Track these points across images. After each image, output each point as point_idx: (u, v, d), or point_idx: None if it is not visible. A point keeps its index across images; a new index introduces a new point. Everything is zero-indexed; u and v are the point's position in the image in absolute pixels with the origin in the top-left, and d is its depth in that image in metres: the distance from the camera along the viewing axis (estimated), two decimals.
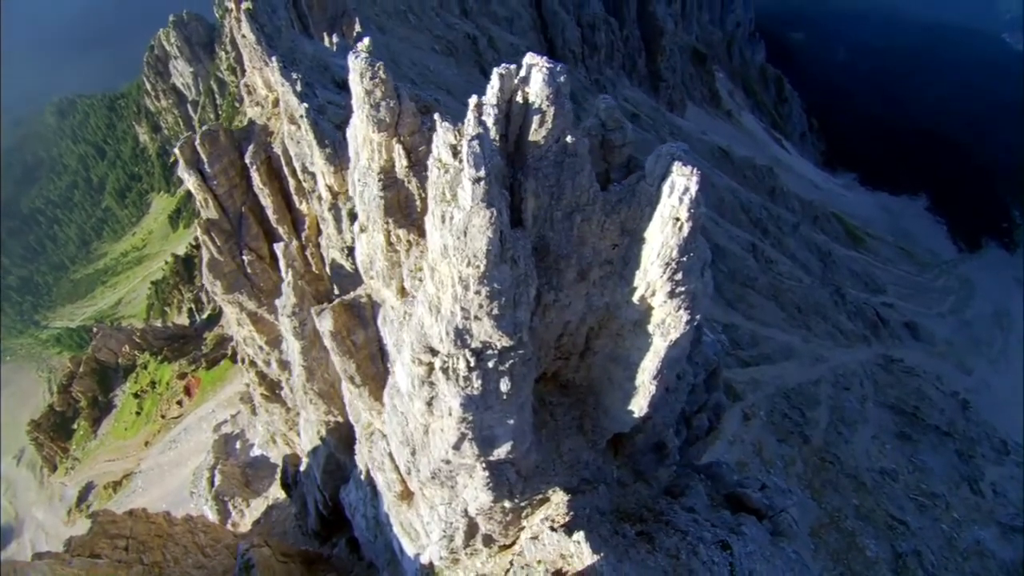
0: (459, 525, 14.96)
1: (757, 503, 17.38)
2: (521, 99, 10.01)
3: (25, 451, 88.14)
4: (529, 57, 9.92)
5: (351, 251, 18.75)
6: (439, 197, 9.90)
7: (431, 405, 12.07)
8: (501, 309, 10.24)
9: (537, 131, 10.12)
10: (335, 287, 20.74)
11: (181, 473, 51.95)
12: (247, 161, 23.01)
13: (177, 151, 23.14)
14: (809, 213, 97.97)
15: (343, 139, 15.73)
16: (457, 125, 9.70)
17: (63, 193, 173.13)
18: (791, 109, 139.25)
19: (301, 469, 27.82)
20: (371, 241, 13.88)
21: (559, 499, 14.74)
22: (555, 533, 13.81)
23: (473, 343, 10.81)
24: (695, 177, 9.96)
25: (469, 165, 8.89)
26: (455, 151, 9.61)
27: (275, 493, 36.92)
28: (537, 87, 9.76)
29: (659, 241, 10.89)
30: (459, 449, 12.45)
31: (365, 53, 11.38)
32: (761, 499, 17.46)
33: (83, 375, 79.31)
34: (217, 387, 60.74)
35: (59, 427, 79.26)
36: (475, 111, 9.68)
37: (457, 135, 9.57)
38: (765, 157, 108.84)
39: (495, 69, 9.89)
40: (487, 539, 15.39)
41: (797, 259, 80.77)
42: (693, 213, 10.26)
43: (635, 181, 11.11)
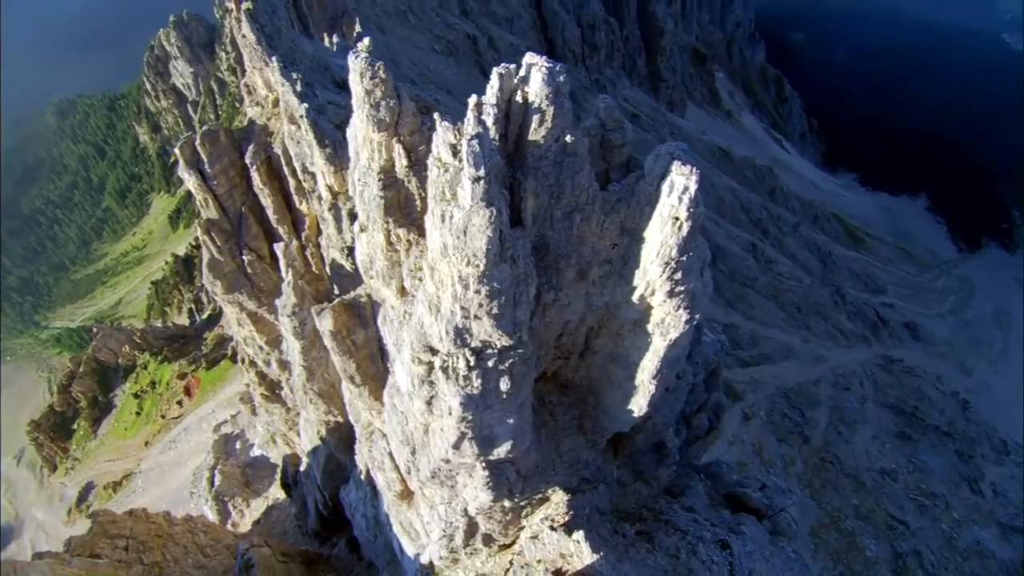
0: (459, 524, 14.97)
1: (757, 503, 17.38)
2: (521, 99, 10.02)
3: (25, 451, 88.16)
4: (528, 57, 9.93)
5: (351, 251, 18.77)
6: (439, 196, 9.91)
7: (431, 404, 12.08)
8: (501, 308, 10.25)
9: (537, 130, 10.13)
10: (335, 287, 20.76)
11: (181, 473, 51.96)
12: (247, 161, 23.04)
13: (177, 151, 23.17)
14: (809, 213, 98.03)
15: (343, 139, 15.75)
16: (457, 124, 9.71)
17: (63, 193, 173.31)
18: (791, 109, 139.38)
19: (301, 469, 27.84)
20: (371, 241, 13.90)
21: (559, 498, 14.75)
22: (555, 532, 13.82)
23: (473, 342, 10.81)
24: (694, 176, 9.97)
25: (469, 164, 8.90)
26: (455, 150, 9.62)
27: (275, 493, 36.92)
28: (536, 86, 9.77)
29: (658, 240, 10.89)
30: (459, 448, 12.46)
31: (365, 53, 11.40)
32: (761, 499, 17.46)
33: (83, 375, 79.35)
34: (217, 387, 60.76)
35: (59, 427, 79.28)
36: (475, 110, 9.70)
37: (457, 134, 9.58)
38: (765, 157, 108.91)
39: (495, 69, 9.91)
40: (487, 538, 15.40)
41: (797, 259, 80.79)
42: (692, 212, 10.26)
43: (634, 180, 11.12)
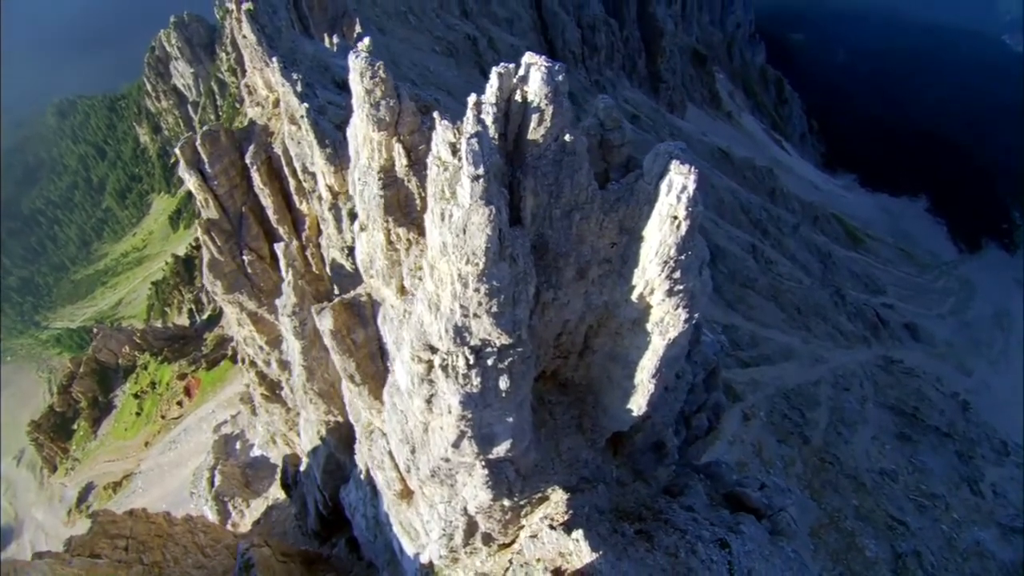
0: (458, 524, 14.99)
1: (756, 502, 17.39)
2: (520, 98, 10.06)
3: (25, 451, 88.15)
4: (528, 56, 9.97)
5: (351, 251, 18.79)
6: (438, 195, 9.94)
7: (430, 403, 12.10)
8: (500, 307, 10.27)
9: (536, 129, 10.16)
10: (335, 287, 20.78)
11: (181, 473, 51.95)
12: (247, 161, 23.06)
13: (178, 151, 23.20)
14: (809, 214, 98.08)
15: (343, 139, 15.79)
16: (456, 123, 9.74)
17: (63, 194, 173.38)
18: (791, 110, 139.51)
19: (301, 469, 27.85)
20: (371, 240, 13.93)
21: (558, 498, 14.77)
22: (554, 531, 13.83)
23: (472, 341, 10.84)
24: (692, 175, 10.00)
25: (468, 163, 8.93)
26: (454, 149, 9.66)
27: (275, 493, 36.93)
28: (536, 86, 9.80)
29: (657, 239, 10.92)
30: (458, 447, 12.48)
31: (365, 52, 11.44)
32: (760, 498, 17.47)
33: (83, 376, 79.35)
34: (217, 388, 60.75)
35: (59, 427, 79.26)
36: (474, 109, 9.74)
37: (456, 133, 9.61)
38: (765, 158, 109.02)
39: (494, 68, 9.94)
40: (486, 538, 15.42)
41: (797, 260, 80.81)
42: (691, 211, 10.29)
43: (633, 180, 11.15)
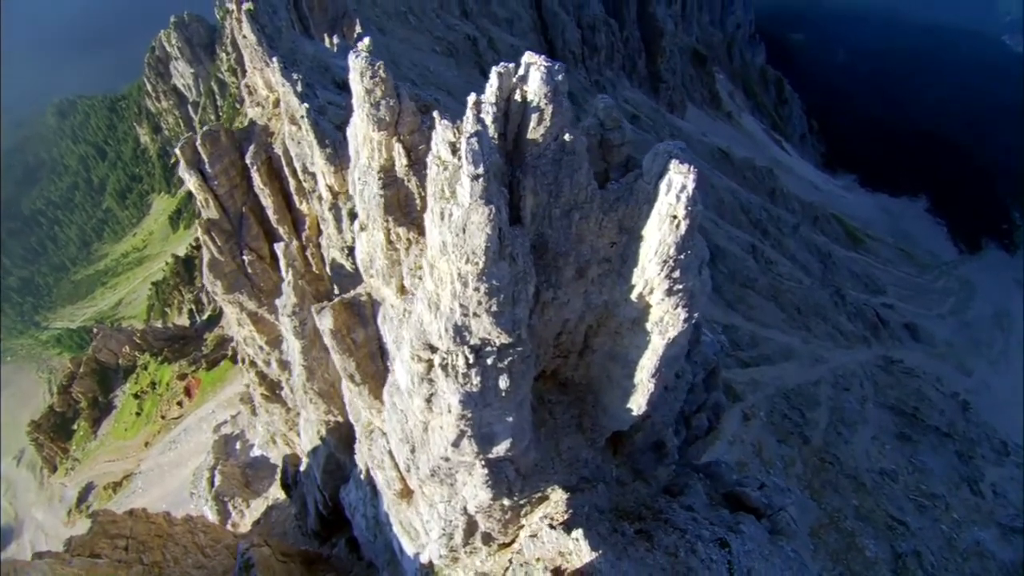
0: (458, 523, 14.99)
1: (756, 502, 17.39)
2: (519, 97, 10.07)
3: (25, 452, 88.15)
4: (527, 56, 9.98)
5: (351, 251, 18.81)
6: (438, 194, 9.96)
7: (430, 402, 12.11)
8: (500, 306, 10.28)
9: (535, 129, 10.17)
10: (335, 287, 20.79)
11: (181, 474, 51.95)
12: (248, 161, 23.07)
13: (178, 151, 23.22)
14: (809, 214, 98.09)
15: (343, 139, 15.80)
16: (456, 123, 9.75)
17: (64, 194, 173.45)
18: (791, 111, 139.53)
19: (301, 469, 27.86)
20: (371, 239, 13.94)
21: (558, 497, 14.78)
22: (554, 531, 13.84)
23: (472, 340, 10.85)
24: (692, 175, 10.01)
25: (468, 162, 8.94)
26: (454, 148, 9.67)
27: (275, 493, 36.94)
28: (535, 85, 9.82)
29: (657, 239, 10.93)
30: (458, 446, 12.49)
31: (365, 52, 11.45)
32: (760, 498, 17.47)
33: (83, 376, 79.36)
34: (217, 388, 60.74)
35: (59, 428, 79.27)
36: (474, 109, 9.75)
37: (456, 132, 9.63)
38: (765, 158, 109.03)
39: (494, 68, 9.95)
40: (486, 537, 15.42)
41: (797, 260, 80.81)
42: (690, 211, 10.30)
43: (633, 179, 11.16)
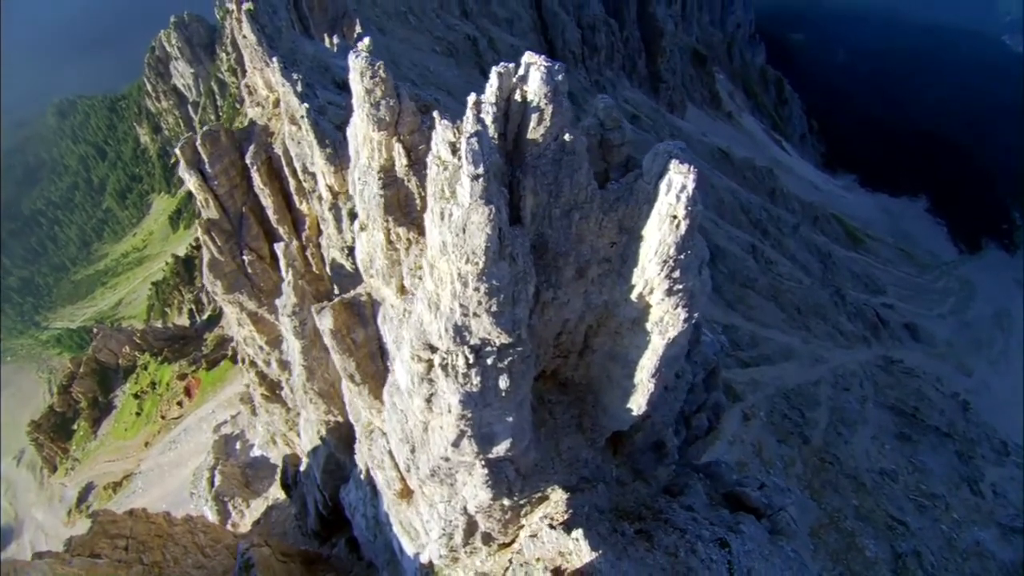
0: (458, 523, 14.99)
1: (756, 502, 17.39)
2: (519, 97, 10.07)
3: (25, 452, 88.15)
4: (527, 56, 9.98)
5: (351, 251, 18.81)
6: (438, 194, 9.96)
7: (430, 402, 12.11)
8: (500, 306, 10.28)
9: (535, 129, 10.17)
10: (335, 287, 20.79)
11: (181, 474, 51.95)
12: (248, 161, 23.08)
13: (178, 151, 23.23)
14: (809, 214, 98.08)
15: (343, 139, 15.80)
16: (456, 123, 9.75)
17: (64, 194, 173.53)
18: (791, 111, 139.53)
19: (301, 469, 27.86)
20: (371, 239, 13.94)
21: (558, 497, 14.77)
22: (554, 531, 13.83)
23: (472, 340, 10.85)
24: (692, 175, 10.01)
25: (468, 162, 8.94)
26: (454, 148, 9.67)
27: (275, 493, 36.94)
28: (535, 85, 9.81)
29: (657, 239, 10.93)
30: (458, 446, 12.49)
31: (365, 52, 11.45)
32: (760, 498, 17.47)
33: (83, 376, 79.36)
34: (217, 388, 60.74)
35: (59, 428, 79.27)
36: (474, 109, 9.75)
37: (456, 132, 9.62)
38: (765, 158, 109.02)
39: (494, 68, 9.95)
40: (486, 537, 15.42)
41: (797, 260, 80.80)
42: (690, 211, 10.30)
43: (633, 179, 11.15)
